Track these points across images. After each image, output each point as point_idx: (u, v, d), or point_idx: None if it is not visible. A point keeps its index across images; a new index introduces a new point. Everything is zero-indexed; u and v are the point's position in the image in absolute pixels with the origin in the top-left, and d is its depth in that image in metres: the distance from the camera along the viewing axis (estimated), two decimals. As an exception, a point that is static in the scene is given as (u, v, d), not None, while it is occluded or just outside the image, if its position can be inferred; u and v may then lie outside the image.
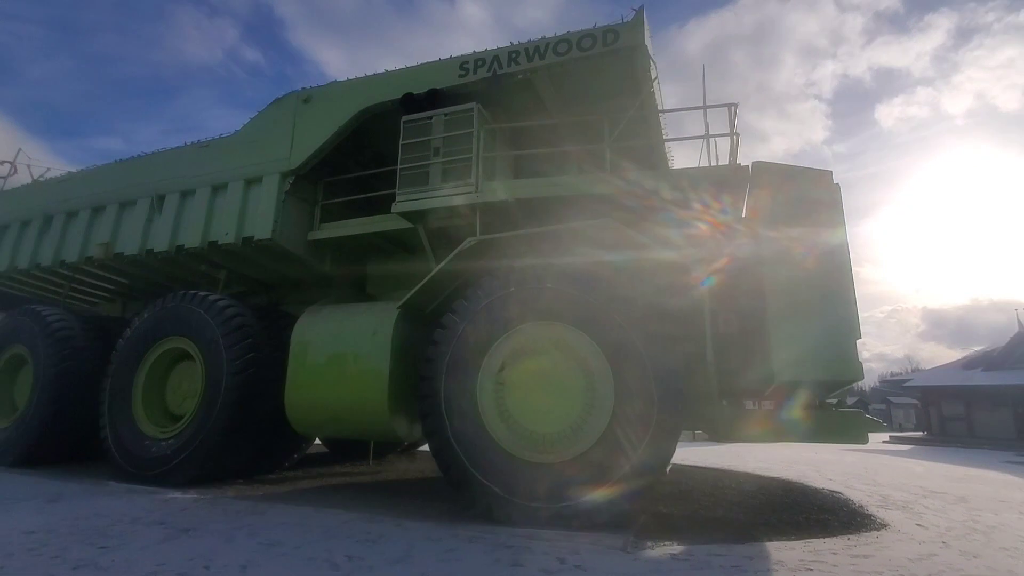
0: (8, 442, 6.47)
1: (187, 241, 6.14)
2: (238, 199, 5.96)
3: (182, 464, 5.29)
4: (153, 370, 5.90)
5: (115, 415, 5.80)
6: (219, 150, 6.31)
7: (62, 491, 4.91)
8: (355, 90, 5.61)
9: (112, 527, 3.71)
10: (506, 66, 4.99)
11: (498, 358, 4.25)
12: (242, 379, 5.37)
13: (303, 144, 5.73)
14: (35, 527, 3.63)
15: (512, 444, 4.07)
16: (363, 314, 5.29)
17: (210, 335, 5.54)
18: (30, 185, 7.99)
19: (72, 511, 4.15)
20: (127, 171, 6.94)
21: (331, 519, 4.08)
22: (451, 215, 4.96)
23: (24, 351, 6.86)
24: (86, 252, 6.90)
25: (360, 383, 4.99)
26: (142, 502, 4.54)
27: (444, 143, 4.98)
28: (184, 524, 3.82)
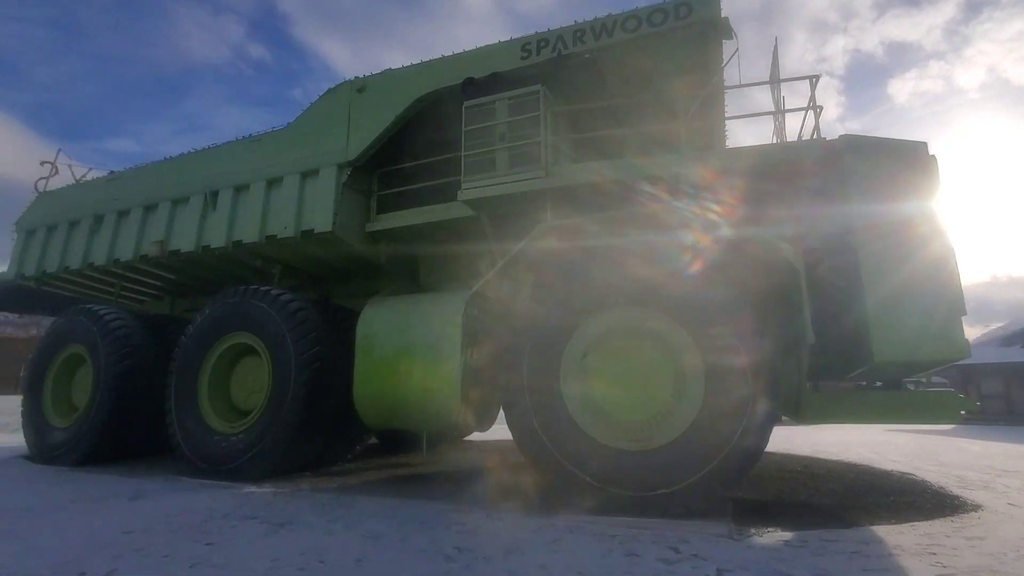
0: (71, 441, 6.54)
1: (244, 236, 6.12)
2: (295, 192, 5.91)
3: (254, 459, 5.29)
4: (217, 366, 5.91)
5: (182, 411, 5.83)
6: (272, 144, 6.26)
7: (140, 488, 4.93)
8: (412, 77, 5.51)
9: (206, 523, 3.70)
10: (571, 46, 4.85)
11: (581, 345, 4.17)
12: (310, 373, 5.35)
13: (360, 134, 5.65)
14: (131, 526, 3.62)
15: (600, 432, 4.00)
16: (428, 304, 5.24)
17: (275, 330, 5.52)
18: (76, 185, 8.02)
19: (159, 508, 4.16)
20: (178, 168, 6.92)
21: (421, 510, 4.04)
22: (519, 201, 4.86)
23: (82, 350, 6.90)
24: (140, 250, 6.91)
25: (430, 374, 4.95)
26: (224, 497, 4.54)
27: (509, 128, 4.87)
28: (277, 519, 3.80)
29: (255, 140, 6.42)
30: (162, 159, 7.21)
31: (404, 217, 5.81)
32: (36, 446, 6.80)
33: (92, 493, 4.69)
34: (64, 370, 7.15)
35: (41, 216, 8.09)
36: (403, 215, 5.83)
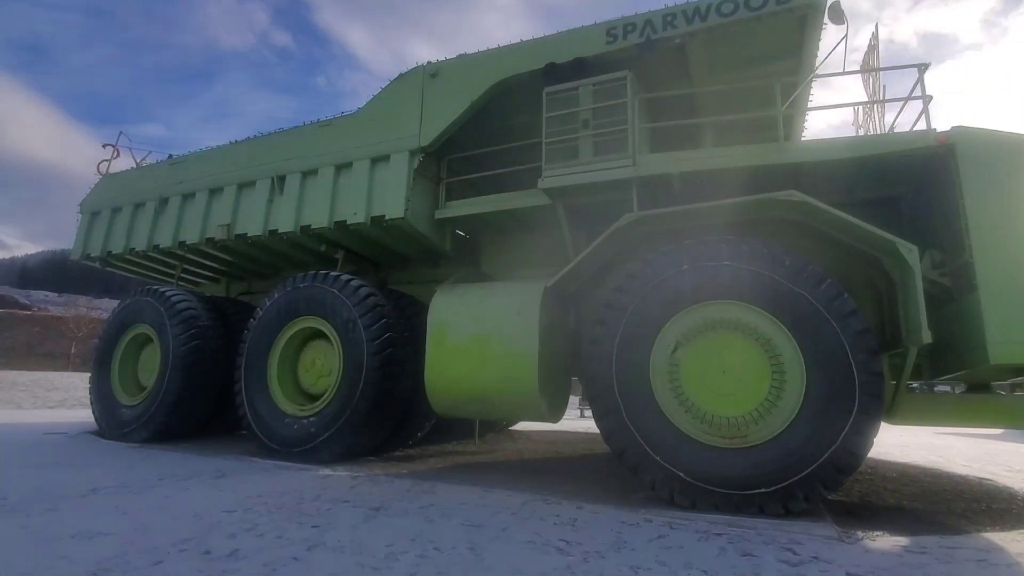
0: (139, 419, 6.69)
1: (313, 221, 6.14)
2: (365, 178, 5.90)
3: (327, 442, 5.34)
4: (286, 349, 5.97)
5: (252, 393, 5.91)
6: (342, 129, 6.24)
7: (219, 468, 5.01)
8: (489, 62, 5.42)
9: (300, 505, 3.73)
10: (661, 30, 4.71)
11: (671, 338, 4.09)
12: (382, 359, 5.37)
13: (433, 120, 5.59)
14: (227, 505, 3.67)
15: (692, 428, 3.93)
16: (503, 293, 5.20)
17: (347, 315, 5.55)
18: (140, 169, 8.14)
19: (247, 488, 4.21)
20: (244, 153, 6.96)
21: (508, 500, 4.03)
22: (603, 191, 4.77)
23: (150, 331, 7.04)
24: (206, 233, 6.99)
25: (506, 364, 4.92)
26: (305, 479, 4.59)
27: (594, 115, 4.76)
28: (369, 503, 3.82)
29: (324, 125, 6.41)
30: (228, 143, 7.26)
31: (476, 204, 5.76)
32: (106, 423, 6.97)
33: (176, 471, 4.78)
34: (131, 350, 7.31)
35: (105, 198, 8.24)
36: (475, 202, 5.78)
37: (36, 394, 11.74)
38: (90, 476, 4.51)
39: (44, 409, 10.68)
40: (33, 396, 11.54)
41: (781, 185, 4.61)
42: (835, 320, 3.73)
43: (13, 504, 3.52)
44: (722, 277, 3.99)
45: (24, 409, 10.48)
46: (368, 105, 6.14)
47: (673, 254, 4.15)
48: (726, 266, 3.99)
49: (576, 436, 9.32)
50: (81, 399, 11.96)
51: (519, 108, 5.89)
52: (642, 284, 4.16)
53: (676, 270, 4.10)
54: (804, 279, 3.84)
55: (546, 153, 4.88)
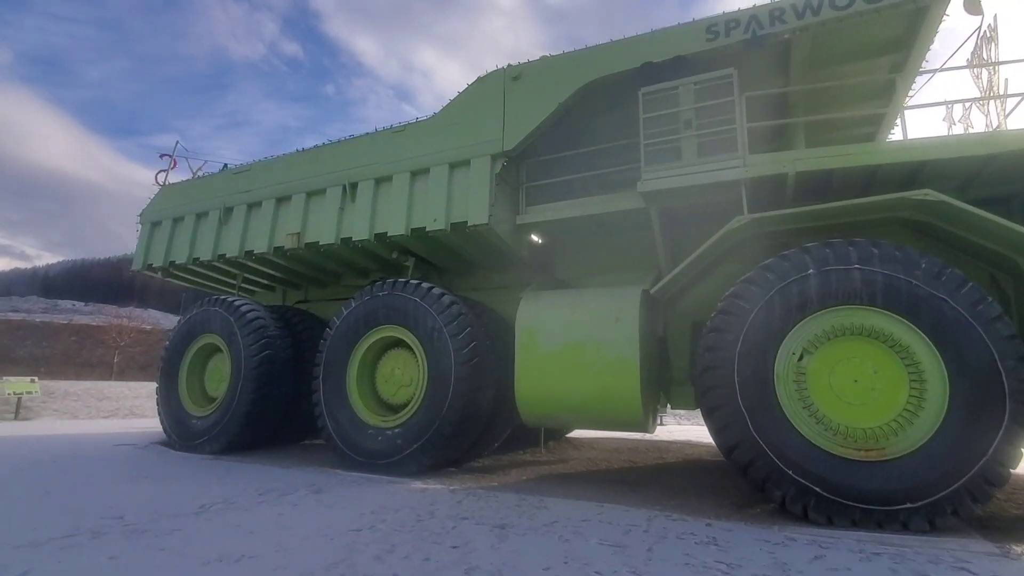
0: (211, 430, 6.63)
1: (389, 228, 6.04)
2: (444, 184, 5.80)
3: (415, 454, 5.23)
4: (364, 359, 5.88)
5: (332, 404, 5.82)
6: (417, 134, 6.15)
7: (312, 481, 4.91)
8: (577, 63, 5.30)
9: (423, 522, 3.61)
10: (768, 26, 4.56)
11: (796, 346, 3.92)
12: (470, 368, 5.25)
13: (517, 124, 5.48)
14: (350, 523, 3.56)
15: (824, 439, 3.75)
16: (598, 299, 5.06)
17: (431, 324, 5.44)
18: (203, 178, 8.12)
19: (356, 504, 4.09)
20: (312, 160, 6.91)
21: (628, 516, 3.86)
22: (709, 193, 4.62)
23: (218, 341, 7.00)
24: (274, 242, 6.93)
25: (604, 373, 4.79)
26: (405, 494, 4.47)
27: (696, 114, 4.62)
28: (490, 520, 3.69)
29: (397, 131, 6.33)
30: (294, 151, 7.21)
31: (560, 209, 5.63)
32: (176, 434, 6.93)
33: (270, 486, 4.68)
34: (198, 360, 7.27)
35: (165, 208, 8.23)
36: (559, 207, 5.65)
37: (88, 403, 11.81)
38: (189, 491, 4.43)
39: (99, 419, 10.70)
40: (86, 406, 11.60)
41: (895, 184, 4.43)
42: (980, 326, 3.54)
43: (134, 523, 3.44)
44: (852, 281, 3.82)
45: (80, 419, 10.51)
46: (445, 110, 6.04)
47: (795, 258, 3.98)
48: (856, 270, 3.82)
49: (635, 443, 9.13)
50: (132, 408, 12.01)
51: (598, 110, 5.76)
52: (763, 290, 4.00)
53: (800, 274, 3.93)
54: (943, 283, 3.66)
55: (645, 155, 4.73)
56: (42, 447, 6.71)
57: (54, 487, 4.45)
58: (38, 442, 7.25)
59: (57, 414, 10.65)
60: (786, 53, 4.88)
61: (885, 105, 5.53)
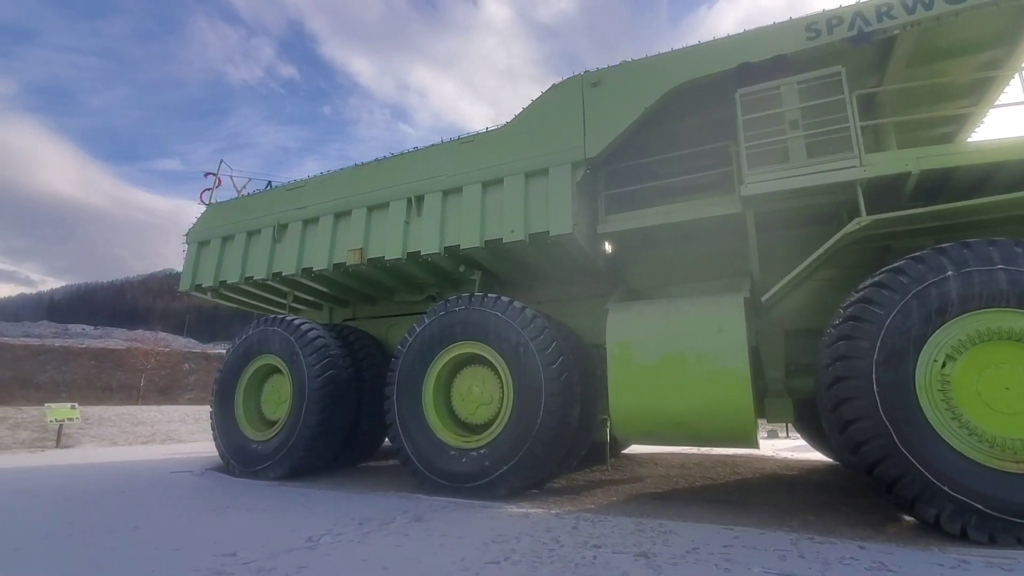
0: (274, 455, 6.37)
1: (462, 241, 5.85)
2: (520, 194, 5.62)
3: (505, 476, 4.98)
4: (439, 377, 5.65)
5: (408, 426, 5.58)
6: (487, 144, 5.99)
7: (404, 508, 4.66)
8: (664, 66, 5.14)
9: (556, 552, 3.36)
10: (875, 22, 4.40)
11: (938, 352, 3.69)
12: (561, 384, 5.02)
13: (600, 130, 5.31)
14: (481, 555, 3.30)
15: (977, 451, 3.51)
16: (695, 309, 4.85)
17: (516, 339, 5.22)
18: (253, 196, 7.96)
19: (473, 534, 3.81)
20: (373, 174, 6.74)
21: (766, 540, 3.61)
22: (819, 194, 4.44)
23: (277, 361, 6.77)
24: (334, 258, 6.75)
25: (709, 385, 4.56)
26: (514, 520, 4.21)
27: (803, 114, 4.45)
28: (626, 548, 3.44)
29: (465, 141, 6.17)
30: (352, 164, 7.05)
31: (647, 216, 5.44)
32: (235, 459, 6.67)
33: (365, 514, 4.42)
34: (254, 382, 7.04)
35: (213, 227, 8.07)
36: (646, 214, 5.46)
37: (124, 429, 11.52)
38: (283, 522, 4.18)
39: (137, 445, 10.42)
40: (122, 432, 11.31)
41: (1013, 183, 4.24)
42: None
43: (254, 561, 3.19)
44: (996, 283, 3.61)
45: (120, 446, 10.22)
46: (518, 119, 5.88)
47: (931, 260, 3.77)
48: (1001, 271, 3.61)
49: (697, 458, 8.84)
50: (168, 432, 11.72)
51: (676, 114, 5.61)
52: (898, 294, 3.78)
53: (938, 277, 3.72)
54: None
55: (748, 158, 4.55)
56: (99, 477, 6.46)
57: (139, 521, 4.20)
58: (93, 471, 6.99)
59: (96, 441, 10.36)
60: (884, 51, 4.72)
61: (975, 103, 5.38)
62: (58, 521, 4.16)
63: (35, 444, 9.61)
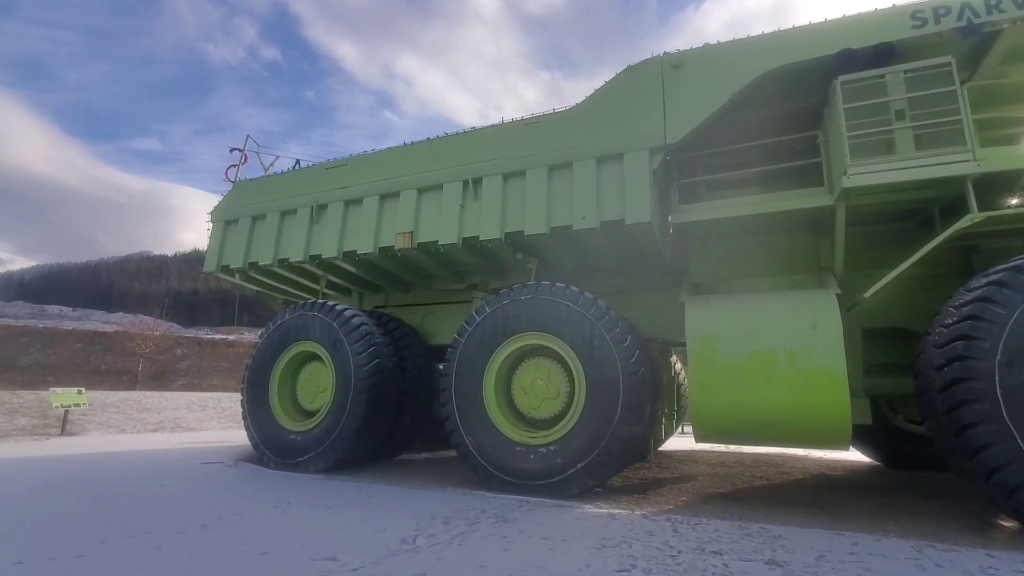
0: (316, 447, 6.05)
1: (526, 227, 5.58)
2: (591, 180, 5.36)
3: (580, 474, 4.76)
4: (500, 369, 5.40)
5: (468, 420, 5.32)
6: (555, 126, 5.71)
7: (482, 507, 4.41)
8: (756, 51, 4.92)
9: (676, 558, 3.15)
10: (984, 14, 4.25)
11: (1065, 354, 3.56)
12: (639, 380, 4.81)
13: (681, 115, 5.07)
14: (610, 562, 3.06)
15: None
16: (785, 304, 4.67)
17: (589, 331, 4.99)
18: (288, 173, 7.56)
19: (578, 538, 3.57)
20: (425, 154, 6.41)
21: (887, 547, 3.45)
22: (926, 188, 4.28)
23: (317, 348, 6.44)
24: (379, 242, 6.42)
25: (802, 384, 4.40)
26: (603, 521, 3.99)
27: (910, 104, 4.27)
28: (749, 555, 3.25)
29: (530, 123, 5.88)
30: (401, 144, 6.71)
31: (729, 207, 5.22)
32: (271, 451, 6.33)
33: (446, 514, 4.14)
34: (289, 370, 6.70)
35: (241, 205, 7.66)
36: (726, 205, 5.25)
37: (130, 416, 10.96)
38: (361, 522, 3.91)
39: (147, 433, 9.91)
40: (128, 418, 10.76)
41: None
42: None
43: (360, 566, 2.91)
44: None
45: (128, 433, 9.71)
46: (589, 101, 5.61)
47: (1058, 257, 3.64)
48: None
49: (736, 456, 8.75)
50: (176, 420, 11.23)
51: (759, 101, 5.40)
52: (1021, 294, 3.64)
53: (1068, 274, 3.59)
54: None
55: (851, 148, 4.36)
56: (125, 468, 6.06)
57: (201, 519, 3.87)
58: (116, 462, 6.58)
59: (103, 428, 9.82)
60: (983, 45, 4.56)
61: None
62: (110, 520, 3.81)
63: (37, 431, 9.08)
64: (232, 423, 11.75)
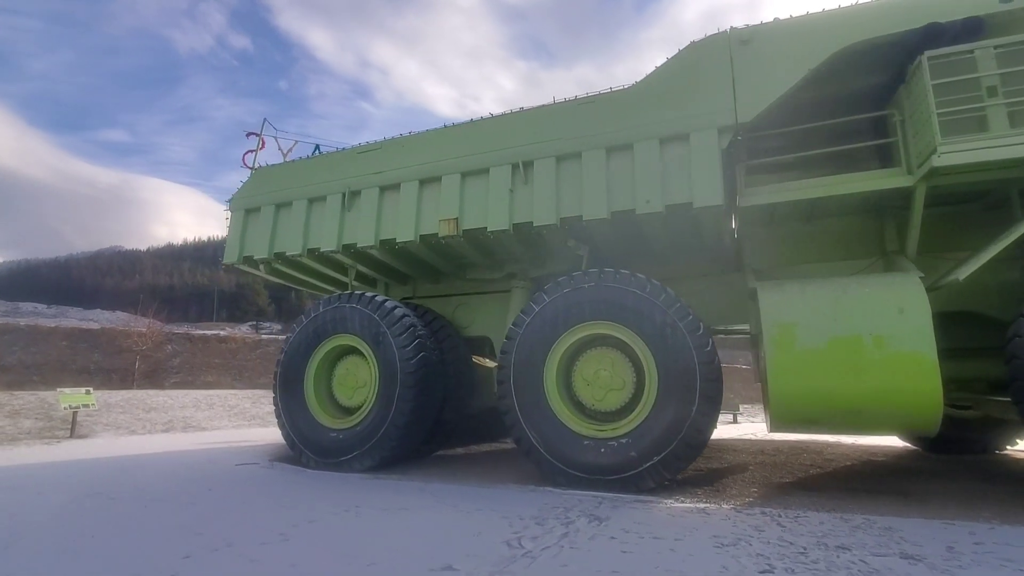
0: (361, 445, 5.77)
1: (584, 212, 5.34)
2: (655, 161, 5.14)
3: (656, 467, 4.58)
4: (561, 360, 5.18)
5: (529, 412, 5.10)
6: (612, 106, 5.46)
7: (564, 504, 4.20)
8: (835, 24, 4.72)
9: (805, 554, 3.00)
10: (1083, -12, 4.13)
11: None
12: (715, 370, 4.66)
13: (754, 93, 4.87)
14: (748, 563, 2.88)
15: None
16: (868, 288, 4.53)
17: (661, 320, 4.79)
18: (316, 158, 7.18)
19: (691, 535, 3.42)
20: (470, 137, 6.10)
21: (992, 534, 3.35)
22: (1018, 168, 4.16)
23: (356, 342, 6.14)
24: (420, 229, 6.12)
25: (890, 370, 4.27)
26: (695, 517, 3.82)
27: (1002, 81, 4.14)
28: (880, 549, 3.10)
29: (584, 103, 5.62)
30: (441, 126, 6.39)
31: (800, 189, 5.04)
32: (311, 450, 6.03)
33: (530, 513, 3.92)
34: (324, 364, 6.38)
35: (262, 193, 7.27)
36: (799, 187, 5.06)
37: (137, 416, 10.43)
38: (448, 525, 3.68)
39: (159, 434, 9.44)
40: (136, 419, 10.23)
41: None
42: None
43: (486, 575, 2.69)
44: None
45: (139, 435, 9.23)
46: (649, 79, 5.37)
47: None
48: None
49: (770, 444, 8.71)
50: (185, 419, 10.73)
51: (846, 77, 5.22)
52: None
53: None
54: None
55: (942, 125, 4.22)
56: (159, 472, 5.71)
57: (279, 528, 3.59)
58: (145, 465, 6.21)
59: (111, 429, 9.32)
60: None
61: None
62: (177, 531, 3.51)
63: (45, 434, 8.56)
64: (243, 421, 11.33)
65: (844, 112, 5.42)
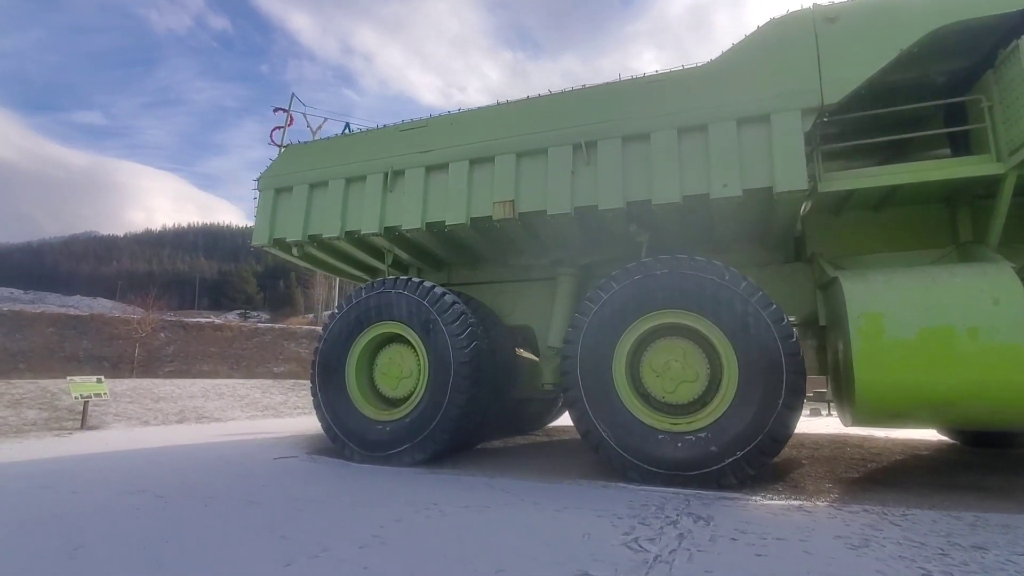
0: (411, 438, 5.49)
1: (655, 195, 5.09)
2: (732, 143, 4.91)
3: (739, 463, 4.39)
4: (630, 350, 4.95)
5: (597, 405, 4.88)
6: (683, 84, 5.20)
7: (655, 501, 3.99)
8: (929, 3, 4.52)
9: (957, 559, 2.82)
10: None
11: None
12: (800, 361, 4.46)
13: (841, 73, 4.65)
14: (901, 568, 2.70)
15: None
16: (959, 279, 4.39)
17: (741, 309, 4.59)
18: (352, 136, 6.80)
19: (791, 533, 3.24)
20: (523, 115, 5.79)
21: None
22: None
23: (402, 329, 5.85)
24: (471, 212, 5.82)
25: (985, 363, 4.13)
26: (803, 517, 3.63)
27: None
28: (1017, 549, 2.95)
29: (651, 81, 5.35)
30: (493, 103, 6.06)
31: (885, 175, 4.85)
32: (355, 442, 5.74)
33: (629, 512, 3.70)
34: (365, 354, 6.07)
35: (293, 172, 6.88)
36: (883, 172, 4.87)
37: (146, 406, 9.92)
38: (550, 525, 3.45)
39: (172, 424, 9.01)
40: (146, 409, 9.73)
41: None
42: None
43: (634, 583, 2.46)
44: None
45: (152, 426, 8.79)
46: (725, 57, 5.11)
47: None
48: None
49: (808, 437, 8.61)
50: (196, 409, 10.28)
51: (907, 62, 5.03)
52: None
53: None
54: None
55: (1046, 110, 4.06)
56: (197, 467, 5.36)
57: (369, 530, 3.32)
58: (174, 458, 5.87)
59: (123, 420, 8.84)
60: None
61: None
62: (260, 532, 3.22)
63: (53, 425, 8.08)
64: (256, 411, 10.89)
65: (917, 98, 5.25)
